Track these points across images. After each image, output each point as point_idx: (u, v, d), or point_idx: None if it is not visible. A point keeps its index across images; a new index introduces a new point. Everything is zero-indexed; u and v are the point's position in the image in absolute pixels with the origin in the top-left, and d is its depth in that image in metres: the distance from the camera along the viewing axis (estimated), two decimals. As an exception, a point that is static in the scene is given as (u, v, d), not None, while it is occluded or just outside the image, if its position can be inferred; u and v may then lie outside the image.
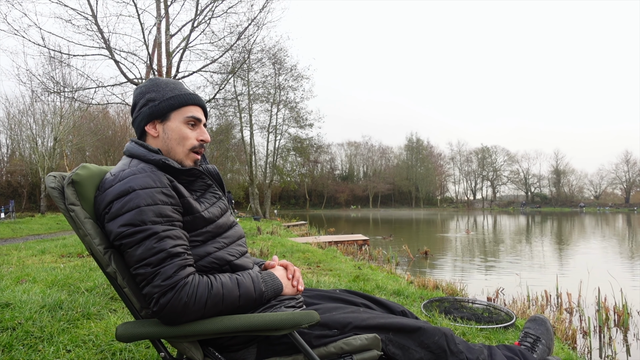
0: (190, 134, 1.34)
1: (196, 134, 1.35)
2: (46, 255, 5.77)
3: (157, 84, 1.37)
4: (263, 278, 1.30)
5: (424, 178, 78.69)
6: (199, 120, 1.36)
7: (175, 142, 1.33)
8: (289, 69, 26.86)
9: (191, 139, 1.33)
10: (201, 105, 1.38)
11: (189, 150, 1.34)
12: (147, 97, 1.34)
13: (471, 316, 3.21)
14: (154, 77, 1.44)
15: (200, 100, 1.38)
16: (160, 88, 1.35)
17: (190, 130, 1.34)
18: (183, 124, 1.33)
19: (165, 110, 1.33)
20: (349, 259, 7.76)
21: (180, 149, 1.33)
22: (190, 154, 1.34)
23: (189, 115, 1.33)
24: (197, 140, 1.34)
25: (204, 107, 1.40)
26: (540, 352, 1.64)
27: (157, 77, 1.42)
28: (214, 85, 17.19)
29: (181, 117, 1.33)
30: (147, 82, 1.39)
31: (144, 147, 1.30)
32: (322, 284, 4.04)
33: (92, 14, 10.45)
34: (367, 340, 1.25)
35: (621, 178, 74.42)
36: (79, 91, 12.87)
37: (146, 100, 1.34)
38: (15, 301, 2.55)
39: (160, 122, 1.34)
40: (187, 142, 1.33)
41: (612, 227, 24.58)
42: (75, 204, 1.16)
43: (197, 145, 1.34)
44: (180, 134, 1.33)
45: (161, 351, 1.21)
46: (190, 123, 1.34)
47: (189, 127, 1.34)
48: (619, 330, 4.48)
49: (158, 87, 1.36)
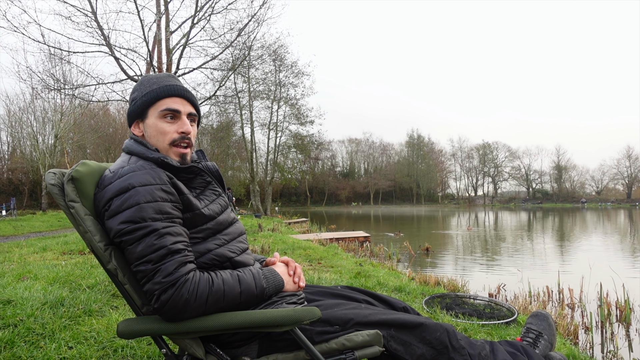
0: (168, 128, 1.28)
1: (176, 127, 1.29)
2: (47, 252, 5.78)
3: (142, 82, 1.34)
4: (264, 274, 1.29)
5: (425, 174, 78.63)
6: (177, 111, 1.29)
7: (154, 139, 1.29)
8: (289, 66, 26.85)
9: (169, 133, 1.28)
10: (180, 94, 1.31)
11: (169, 145, 1.28)
12: (131, 97, 1.34)
13: (473, 312, 3.21)
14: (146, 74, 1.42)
15: (178, 89, 1.31)
16: (143, 85, 1.32)
17: (169, 124, 1.29)
18: (159, 119, 1.29)
19: (142, 108, 1.31)
20: (350, 255, 7.77)
21: (161, 144, 1.29)
22: (172, 149, 1.29)
23: (163, 109, 1.28)
24: (178, 133, 1.28)
25: (186, 96, 1.32)
26: (543, 348, 1.63)
27: (148, 74, 1.39)
28: (214, 82, 17.16)
29: (156, 112, 1.29)
30: (139, 80, 1.37)
31: (142, 144, 1.29)
32: (323, 281, 4.04)
33: (91, 11, 10.43)
34: (369, 336, 1.25)
35: (623, 173, 74.33)
36: (79, 88, 12.86)
37: (130, 100, 1.34)
38: (16, 298, 2.55)
39: (141, 121, 1.32)
40: (165, 137, 1.28)
41: (613, 222, 24.55)
42: (75, 200, 1.15)
43: (178, 138, 1.28)
44: (157, 129, 1.29)
45: (163, 348, 1.21)
46: (168, 116, 1.29)
47: (167, 121, 1.29)
48: (621, 325, 4.48)
49: (142, 85, 1.33)
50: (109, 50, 10.76)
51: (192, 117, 1.35)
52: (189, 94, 1.34)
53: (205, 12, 11.65)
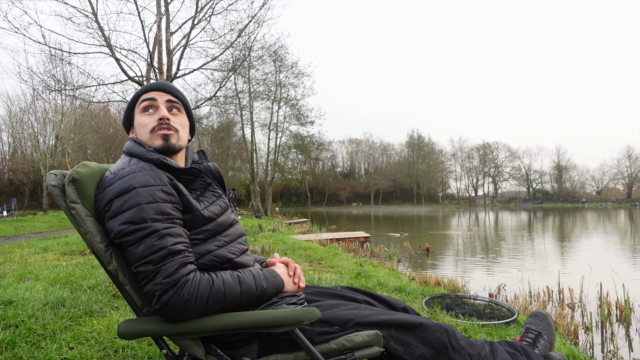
0: (148, 120, 1.32)
1: (155, 117, 1.32)
2: (48, 253, 5.78)
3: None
4: (264, 275, 1.29)
5: (426, 175, 78.62)
6: (153, 99, 1.33)
7: (140, 134, 1.34)
8: (289, 66, 26.86)
9: (149, 123, 1.32)
10: (156, 88, 1.35)
11: (150, 134, 1.31)
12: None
13: (473, 312, 3.22)
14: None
15: (155, 84, 1.36)
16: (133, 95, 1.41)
17: (148, 116, 1.33)
18: (140, 114, 1.34)
19: (128, 112, 1.39)
20: (351, 256, 7.77)
21: (145, 136, 1.32)
22: (154, 135, 1.31)
23: (141, 101, 1.34)
24: (156, 121, 1.32)
25: (163, 88, 1.36)
26: (542, 348, 1.64)
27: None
28: (214, 83, 17.16)
29: (138, 109, 1.35)
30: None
31: (142, 146, 1.31)
32: (323, 281, 4.05)
33: (92, 12, 10.44)
34: (369, 336, 1.25)
35: (623, 173, 74.30)
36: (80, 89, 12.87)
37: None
38: (18, 299, 2.56)
39: (133, 125, 1.39)
40: (146, 128, 1.32)
41: (614, 222, 24.54)
42: (76, 201, 1.16)
43: (156, 125, 1.31)
44: (139, 123, 1.34)
45: (163, 348, 1.21)
46: (146, 108, 1.33)
47: (146, 114, 1.33)
48: (621, 325, 4.48)
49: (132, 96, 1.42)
50: (109, 51, 10.77)
51: (175, 106, 1.37)
52: (167, 86, 1.37)
53: (205, 13, 11.67)
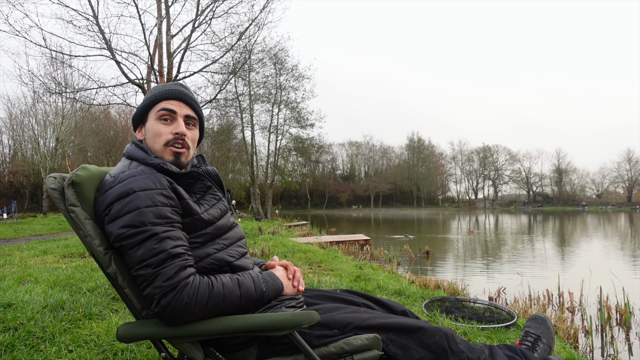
0: (164, 129, 1.31)
1: (171, 128, 1.31)
2: (48, 255, 5.78)
3: (151, 89, 1.39)
4: (264, 278, 1.30)
5: (426, 177, 78.62)
6: (173, 112, 1.32)
7: (151, 141, 1.32)
8: (289, 69, 26.87)
9: (165, 134, 1.30)
10: (178, 97, 1.33)
11: (163, 146, 1.30)
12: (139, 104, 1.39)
13: (472, 316, 3.21)
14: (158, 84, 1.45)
15: (177, 92, 1.34)
16: (150, 91, 1.38)
17: (165, 126, 1.31)
18: (156, 121, 1.32)
19: (142, 112, 1.36)
20: (351, 259, 7.76)
21: (157, 146, 1.31)
22: (167, 149, 1.30)
23: (160, 109, 1.31)
24: (172, 134, 1.30)
25: (185, 100, 1.35)
26: (541, 351, 1.63)
27: (160, 83, 1.43)
28: (215, 86, 17.21)
29: (154, 114, 1.33)
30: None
31: (143, 150, 1.31)
32: (323, 284, 4.04)
33: (93, 15, 10.47)
34: (368, 340, 1.25)
35: (623, 177, 74.30)
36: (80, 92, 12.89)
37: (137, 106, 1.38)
38: (17, 301, 2.56)
39: (143, 125, 1.37)
40: (160, 138, 1.30)
41: (614, 225, 24.52)
42: (75, 205, 1.16)
43: (172, 139, 1.30)
44: (154, 131, 1.32)
45: (162, 351, 1.21)
46: (164, 118, 1.31)
47: (163, 123, 1.31)
48: (621, 329, 4.47)
49: (149, 91, 1.39)
50: (110, 54, 10.79)
51: (192, 121, 1.37)
52: (189, 98, 1.36)
53: (206, 16, 11.70)
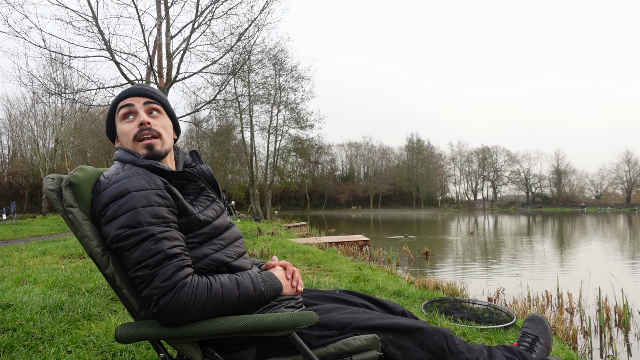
0: (129, 127, 1.30)
1: (135, 123, 1.30)
2: (47, 256, 5.77)
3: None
4: (262, 278, 1.29)
5: (425, 178, 78.64)
6: (131, 105, 1.30)
7: (124, 143, 1.32)
8: (289, 70, 26.90)
9: (130, 130, 1.30)
10: (133, 93, 1.32)
11: (133, 142, 1.29)
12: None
13: (471, 316, 3.21)
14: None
15: (131, 90, 1.32)
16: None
17: (129, 123, 1.31)
18: (121, 122, 1.32)
19: (110, 123, 1.37)
20: (350, 259, 7.76)
21: (129, 145, 1.31)
22: (138, 144, 1.29)
23: (119, 109, 1.31)
24: (137, 127, 1.29)
25: (140, 92, 1.33)
26: (539, 352, 1.63)
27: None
28: (214, 87, 17.23)
29: (118, 118, 1.33)
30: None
31: (131, 153, 1.30)
32: (322, 285, 4.04)
33: (92, 16, 10.45)
34: (367, 340, 1.25)
35: (622, 178, 74.40)
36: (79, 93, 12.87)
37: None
38: (16, 302, 2.55)
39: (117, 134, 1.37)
40: (128, 136, 1.30)
41: (613, 227, 24.54)
42: (73, 205, 1.16)
43: (137, 131, 1.29)
44: (121, 132, 1.32)
45: (161, 352, 1.21)
46: (126, 115, 1.31)
47: (127, 121, 1.31)
48: (620, 330, 4.48)
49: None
50: (109, 55, 10.78)
51: (154, 108, 1.34)
52: (143, 89, 1.34)
53: (205, 17, 11.69)
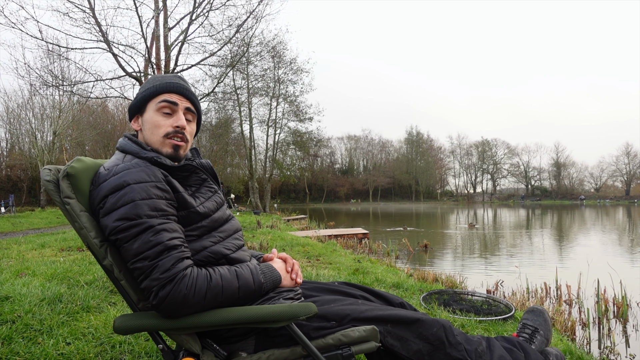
0: (163, 122, 1.30)
1: (171, 121, 1.30)
2: (46, 249, 5.78)
3: (149, 79, 1.36)
4: (262, 270, 1.29)
5: (424, 171, 78.64)
6: (174, 104, 1.31)
7: (149, 132, 1.31)
8: (288, 63, 26.77)
9: (164, 126, 1.29)
10: (179, 91, 1.33)
11: (162, 138, 1.29)
12: (136, 93, 1.35)
13: (470, 308, 3.22)
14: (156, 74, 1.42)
15: (178, 86, 1.33)
16: (148, 82, 1.35)
17: (164, 118, 1.30)
18: (156, 112, 1.30)
19: (141, 102, 1.33)
20: (349, 252, 7.78)
21: (155, 138, 1.30)
22: (166, 141, 1.29)
23: (161, 101, 1.30)
24: (172, 127, 1.30)
25: (185, 94, 1.34)
26: (539, 343, 1.64)
27: (157, 74, 1.41)
28: (212, 79, 17.12)
29: (154, 105, 1.31)
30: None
31: (137, 143, 1.29)
32: (321, 277, 4.05)
33: (89, 7, 10.37)
34: (365, 332, 1.25)
35: (621, 170, 74.47)
36: (77, 85, 12.80)
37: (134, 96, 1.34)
38: (15, 294, 2.56)
39: (140, 115, 1.34)
40: (159, 130, 1.29)
41: (612, 219, 24.61)
42: (70, 197, 1.15)
43: (172, 131, 1.29)
44: (153, 122, 1.30)
45: (159, 343, 1.21)
46: (164, 111, 1.30)
47: (163, 115, 1.30)
48: (618, 321, 4.50)
49: (147, 82, 1.35)
50: (107, 47, 10.71)
51: (191, 115, 1.36)
52: (189, 92, 1.35)
53: (203, 9, 11.60)
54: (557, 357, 1.59)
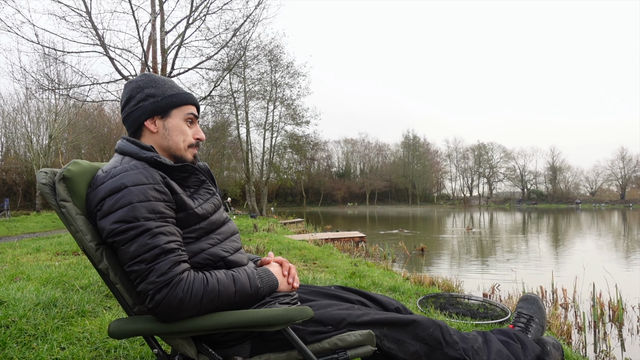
0: (189, 131, 1.38)
1: (193, 132, 1.39)
2: (41, 253, 5.74)
3: (155, 80, 1.36)
4: (258, 274, 1.29)
5: (421, 175, 78.78)
6: (196, 117, 1.41)
7: (174, 137, 1.35)
8: (285, 66, 26.86)
9: (189, 135, 1.38)
10: (197, 105, 1.44)
11: (187, 146, 1.37)
12: (147, 92, 1.33)
13: (467, 312, 3.23)
14: (148, 73, 1.44)
15: (195, 100, 1.44)
16: (159, 85, 1.36)
17: (189, 128, 1.38)
18: (183, 121, 1.36)
19: (167, 107, 1.34)
20: (346, 256, 7.77)
21: (180, 144, 1.36)
22: (190, 150, 1.38)
23: (188, 112, 1.37)
24: (194, 139, 1.39)
25: (199, 108, 1.45)
26: (534, 332, 1.65)
27: (150, 73, 1.42)
28: (209, 83, 17.11)
29: (182, 114, 1.36)
30: (142, 77, 1.38)
31: (136, 144, 1.29)
32: (318, 281, 4.04)
33: (86, 11, 10.38)
34: (362, 336, 1.25)
35: (617, 174, 74.75)
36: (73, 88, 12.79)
37: (145, 95, 1.33)
38: (9, 299, 2.53)
39: (160, 118, 1.34)
40: (186, 138, 1.36)
41: (607, 223, 24.72)
42: (66, 200, 1.15)
43: (194, 142, 1.38)
44: (181, 129, 1.36)
45: (154, 348, 1.20)
46: (189, 120, 1.38)
47: (188, 125, 1.38)
48: (614, 325, 4.51)
49: (156, 84, 1.36)
50: (103, 50, 10.72)
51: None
52: (198, 105, 1.47)
53: (200, 12, 11.64)
54: (554, 345, 1.60)
